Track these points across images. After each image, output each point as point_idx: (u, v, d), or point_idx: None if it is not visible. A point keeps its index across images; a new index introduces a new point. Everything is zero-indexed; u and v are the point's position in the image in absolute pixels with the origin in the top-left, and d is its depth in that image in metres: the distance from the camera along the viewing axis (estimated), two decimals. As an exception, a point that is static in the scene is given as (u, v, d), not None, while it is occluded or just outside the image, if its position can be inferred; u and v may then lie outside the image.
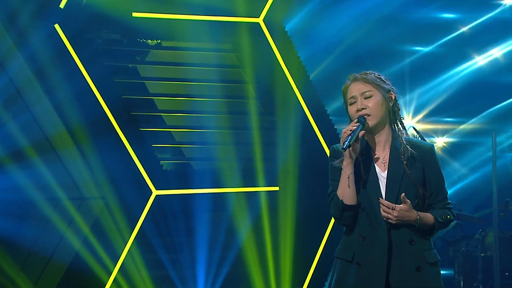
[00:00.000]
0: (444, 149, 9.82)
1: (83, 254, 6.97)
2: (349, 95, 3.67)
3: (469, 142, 9.85)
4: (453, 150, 9.81)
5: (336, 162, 3.67)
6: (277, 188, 7.60)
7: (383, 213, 3.52)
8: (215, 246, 7.38)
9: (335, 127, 7.89)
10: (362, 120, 3.58)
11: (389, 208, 3.50)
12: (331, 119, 7.91)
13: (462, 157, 9.72)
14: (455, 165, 9.58)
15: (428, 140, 7.45)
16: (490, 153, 8.22)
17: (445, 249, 8.69)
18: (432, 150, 3.67)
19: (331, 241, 7.62)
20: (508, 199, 8.37)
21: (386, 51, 9.31)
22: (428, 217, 3.59)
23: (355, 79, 3.66)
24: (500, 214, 8.11)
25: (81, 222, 7.06)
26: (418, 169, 3.61)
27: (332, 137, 7.79)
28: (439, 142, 9.80)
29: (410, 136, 3.74)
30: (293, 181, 7.60)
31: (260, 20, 7.65)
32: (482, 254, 8.27)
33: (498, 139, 8.69)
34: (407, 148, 3.62)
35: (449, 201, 3.70)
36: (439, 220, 3.59)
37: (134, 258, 7.07)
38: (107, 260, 6.99)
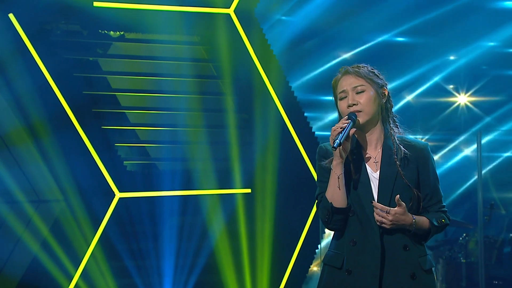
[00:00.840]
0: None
1: (41, 260, 6.84)
2: (339, 89, 3.59)
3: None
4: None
5: (325, 162, 3.59)
6: (249, 191, 7.53)
7: (377, 217, 3.45)
8: (184, 252, 7.28)
9: (310, 125, 7.85)
10: (352, 117, 3.50)
11: (384, 212, 3.43)
12: (306, 117, 7.86)
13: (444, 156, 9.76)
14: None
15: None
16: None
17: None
18: (427, 149, 3.61)
19: (307, 243, 7.59)
20: (493, 202, 8.38)
21: (362, 41, 9.30)
22: (424, 221, 3.53)
23: (347, 72, 3.58)
24: (485, 217, 8.12)
25: (39, 227, 6.93)
26: (412, 169, 3.54)
27: (306, 134, 7.75)
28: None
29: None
30: (267, 182, 7.54)
31: (230, 10, 7.57)
32: (464, 260, 8.27)
33: None
34: (400, 147, 3.56)
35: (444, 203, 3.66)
36: (435, 224, 3.54)
37: (97, 265, 6.95)
38: (69, 266, 6.87)
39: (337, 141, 3.42)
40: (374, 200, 3.50)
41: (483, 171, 8.26)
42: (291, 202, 7.56)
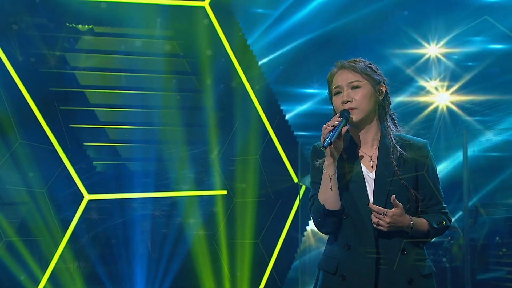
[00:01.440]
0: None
1: (7, 263, 6.73)
2: (334, 84, 3.52)
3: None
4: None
5: (318, 163, 3.51)
6: (225, 192, 7.45)
7: (374, 219, 3.38)
8: (158, 256, 7.20)
9: (289, 123, 7.79)
10: (345, 114, 3.43)
11: (380, 213, 3.36)
12: (284, 115, 7.80)
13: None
14: None
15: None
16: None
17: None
18: (426, 148, 3.54)
19: (286, 246, 7.55)
20: (478, 204, 8.35)
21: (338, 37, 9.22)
22: (422, 222, 3.45)
23: (342, 67, 3.51)
24: (470, 220, 8.08)
25: (4, 228, 6.81)
26: (410, 169, 3.47)
27: (284, 133, 7.71)
28: None
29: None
30: (244, 183, 7.47)
31: (205, 3, 7.49)
32: (448, 265, 8.23)
33: None
34: (397, 146, 3.49)
35: (445, 205, 3.59)
36: (434, 226, 3.47)
37: (66, 269, 6.84)
38: (36, 269, 6.76)
39: (328, 139, 3.33)
40: (369, 202, 3.43)
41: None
42: (269, 204, 7.51)
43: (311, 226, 7.90)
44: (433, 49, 9.46)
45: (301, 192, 7.49)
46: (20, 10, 7.17)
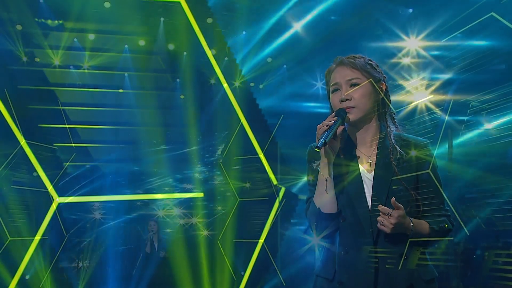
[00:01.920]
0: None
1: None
2: (332, 81, 3.45)
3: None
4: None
5: (315, 164, 3.43)
6: (201, 195, 7.39)
7: (379, 219, 3.29)
8: (131, 261, 7.12)
9: (265, 118, 7.74)
10: (341, 113, 3.36)
11: (385, 214, 3.27)
12: (263, 115, 7.75)
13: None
14: None
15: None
16: None
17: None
18: (427, 148, 3.48)
19: (265, 250, 7.50)
20: (465, 206, 8.32)
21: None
22: (423, 225, 3.39)
23: (341, 63, 3.44)
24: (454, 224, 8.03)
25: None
26: (410, 170, 3.40)
27: (263, 132, 7.66)
28: None
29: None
30: (223, 186, 7.41)
31: (181, -1, 7.43)
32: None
33: None
34: (396, 147, 3.42)
35: (447, 207, 3.52)
36: (435, 229, 3.41)
37: (36, 274, 6.74)
38: (5, 274, 6.65)
39: (322, 140, 3.26)
40: (367, 204, 3.36)
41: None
42: (249, 207, 7.46)
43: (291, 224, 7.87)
44: (412, 43, 9.38)
45: (281, 194, 7.43)
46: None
